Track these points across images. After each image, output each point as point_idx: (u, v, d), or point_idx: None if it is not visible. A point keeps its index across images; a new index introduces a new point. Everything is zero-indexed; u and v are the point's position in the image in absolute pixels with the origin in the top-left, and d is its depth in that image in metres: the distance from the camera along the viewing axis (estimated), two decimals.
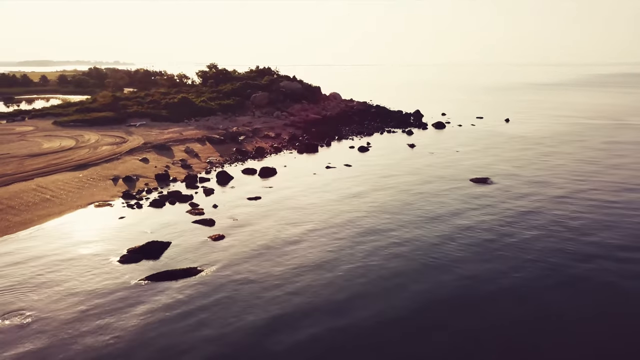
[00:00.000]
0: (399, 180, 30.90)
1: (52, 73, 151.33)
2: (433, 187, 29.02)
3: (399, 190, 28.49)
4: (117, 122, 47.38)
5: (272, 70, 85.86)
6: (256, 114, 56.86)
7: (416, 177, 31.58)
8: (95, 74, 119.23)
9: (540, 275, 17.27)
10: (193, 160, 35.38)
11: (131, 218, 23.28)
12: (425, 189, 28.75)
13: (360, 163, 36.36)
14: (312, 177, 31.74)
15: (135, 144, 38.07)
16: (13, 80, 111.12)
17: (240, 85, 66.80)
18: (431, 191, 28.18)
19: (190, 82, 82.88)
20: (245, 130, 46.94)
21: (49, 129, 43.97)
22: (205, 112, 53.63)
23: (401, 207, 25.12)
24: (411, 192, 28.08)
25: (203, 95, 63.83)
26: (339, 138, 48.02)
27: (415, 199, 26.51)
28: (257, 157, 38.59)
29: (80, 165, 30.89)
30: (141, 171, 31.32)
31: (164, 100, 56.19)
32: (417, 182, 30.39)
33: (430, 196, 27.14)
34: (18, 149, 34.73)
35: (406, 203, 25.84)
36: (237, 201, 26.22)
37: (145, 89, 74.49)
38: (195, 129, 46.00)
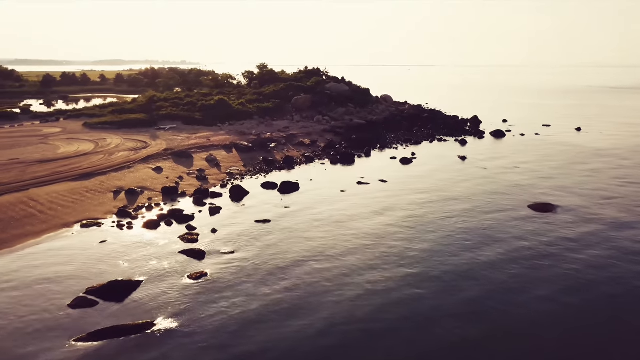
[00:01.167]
0: (439, 204, 25.94)
1: (113, 72, 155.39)
2: (481, 216, 23.90)
3: (435, 217, 23.60)
4: (147, 124, 45.18)
5: (321, 71, 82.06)
6: (295, 118, 53.16)
7: (461, 201, 26.49)
8: (151, 74, 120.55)
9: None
10: (211, 171, 32.03)
11: (113, 242, 20.01)
12: (471, 217, 23.69)
13: (398, 178, 31.60)
14: (338, 196, 27.41)
15: (155, 150, 35.32)
16: (73, 79, 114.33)
17: (284, 86, 63.41)
18: (478, 222, 23.10)
19: (236, 83, 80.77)
20: (279, 136, 43.30)
21: (76, 131, 42.32)
22: (242, 116, 50.56)
23: (434, 246, 20.31)
24: (451, 222, 23.12)
25: (244, 97, 61.04)
26: (381, 146, 43.32)
27: (454, 233, 21.57)
28: (284, 167, 34.74)
29: (85, 175, 28.26)
30: (150, 183, 28.27)
31: (201, 102, 53.67)
32: (461, 207, 25.33)
33: (476, 229, 22.09)
34: (30, 154, 32.80)
35: (441, 239, 20.98)
36: (242, 224, 22.40)
37: (190, 90, 72.84)
38: (226, 134, 42.87)
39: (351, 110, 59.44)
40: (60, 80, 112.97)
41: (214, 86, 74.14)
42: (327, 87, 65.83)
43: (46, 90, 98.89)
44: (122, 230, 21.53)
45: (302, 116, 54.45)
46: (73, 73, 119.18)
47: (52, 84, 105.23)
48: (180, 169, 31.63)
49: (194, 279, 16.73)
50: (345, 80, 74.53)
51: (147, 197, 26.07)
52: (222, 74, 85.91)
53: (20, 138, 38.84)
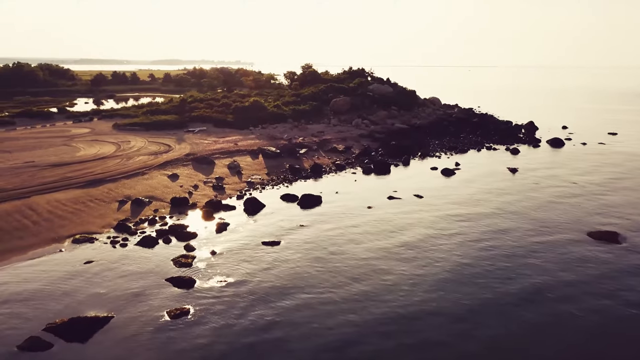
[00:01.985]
0: (479, 225, 22.27)
1: (168, 71, 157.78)
2: (527, 243, 20.11)
3: (472, 242, 20.00)
4: (177, 126, 43.59)
5: (366, 72, 78.75)
6: (332, 121, 50.22)
7: (505, 223, 22.68)
8: (198, 73, 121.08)
9: None
10: (231, 180, 29.65)
11: (99, 263, 17.84)
12: (515, 244, 19.95)
13: (436, 192, 28.02)
14: (362, 212, 24.24)
15: (176, 154, 33.39)
16: (123, 78, 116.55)
17: (323, 88, 60.64)
18: (523, 250, 19.35)
19: (278, 84, 78.80)
20: (311, 141, 40.53)
21: (104, 132, 41.23)
22: (275, 119, 48.18)
23: (464, 278, 16.82)
24: (490, 247, 19.48)
25: (282, 98, 58.74)
26: (422, 155, 39.63)
27: (492, 261, 17.96)
28: (311, 176, 31.89)
29: (95, 181, 26.52)
30: (161, 191, 26.18)
31: (235, 103, 51.74)
32: (504, 231, 21.56)
33: (520, 259, 18.39)
34: (47, 156, 31.60)
35: (475, 268, 17.43)
36: (247, 246, 19.72)
37: (230, 90, 71.43)
38: (255, 139, 40.53)
39: (394, 114, 55.86)
40: (110, 79, 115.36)
41: (254, 87, 72.45)
42: (369, 88, 62.51)
43: (95, 89, 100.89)
44: (114, 248, 19.36)
45: (340, 119, 51.44)
46: (123, 72, 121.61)
47: (102, 82, 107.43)
48: (197, 177, 29.44)
49: (173, 318, 14.15)
50: (390, 82, 70.90)
51: (154, 209, 23.92)
52: (266, 74, 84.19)
53: (46, 139, 38.06)
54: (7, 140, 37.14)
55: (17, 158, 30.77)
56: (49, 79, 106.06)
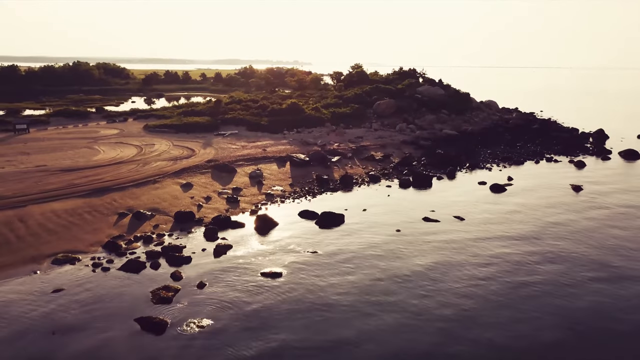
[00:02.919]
0: (529, 261, 18.19)
1: (224, 71, 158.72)
2: (590, 290, 15.90)
3: (518, 287, 16.04)
4: (208, 129, 41.51)
5: (417, 73, 74.34)
6: (374, 125, 46.58)
7: (563, 259, 18.47)
8: (249, 73, 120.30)
9: None
10: (249, 191, 26.87)
11: (69, 293, 15.45)
12: (574, 289, 15.81)
13: (481, 214, 23.99)
14: (389, 238, 20.68)
15: (197, 160, 31.07)
16: (175, 77, 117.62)
17: (369, 89, 57.04)
18: (584, 300, 15.21)
19: (324, 84, 75.88)
20: (347, 148, 37.19)
21: (132, 134, 39.72)
22: (313, 122, 45.19)
23: (502, 335, 13.00)
24: (539, 293, 15.46)
25: (325, 100, 55.68)
26: (471, 166, 35.31)
27: (541, 312, 13.99)
28: (340, 188, 28.60)
29: (101, 190, 24.49)
30: (168, 203, 23.75)
31: (272, 105, 49.20)
32: (560, 271, 17.40)
33: (579, 310, 14.30)
34: (62, 160, 30.11)
35: (520, 321, 13.55)
36: (242, 277, 16.76)
37: (272, 91, 69.22)
38: (287, 144, 37.68)
39: (443, 118, 51.45)
40: (163, 78, 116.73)
41: (297, 88, 69.86)
42: (418, 90, 58.26)
43: (146, 88, 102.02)
44: (93, 273, 16.95)
45: (383, 124, 47.71)
46: (175, 72, 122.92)
47: (153, 81, 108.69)
48: (213, 187, 26.88)
49: None
50: (442, 83, 66.20)
51: (155, 224, 21.47)
52: (312, 74, 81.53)
53: (70, 140, 36.96)
54: (32, 140, 36.31)
55: (31, 161, 29.47)
56: (104, 77, 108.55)
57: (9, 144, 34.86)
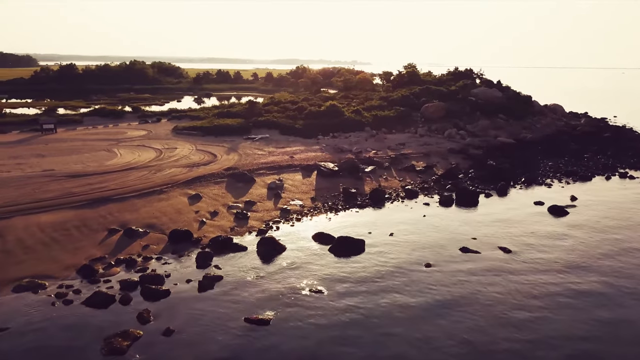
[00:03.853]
0: (594, 317, 13.91)
1: (277, 71, 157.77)
2: None
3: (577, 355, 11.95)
4: (239, 132, 39.00)
5: (474, 73, 68.98)
6: (419, 130, 42.39)
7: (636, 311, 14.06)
8: (301, 72, 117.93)
9: None
10: (264, 205, 23.82)
11: (13, 333, 13.00)
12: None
13: (534, 245, 19.70)
14: (416, 275, 16.93)
15: (215, 168, 28.45)
16: (226, 76, 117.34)
17: (418, 90, 52.75)
18: None
19: (375, 84, 72.02)
20: (384, 156, 33.45)
21: (158, 136, 37.81)
22: (351, 126, 41.71)
23: None
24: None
25: (369, 101, 51.96)
26: (527, 181, 30.58)
27: None
28: (369, 204, 25.01)
29: (100, 200, 22.26)
30: (167, 219, 21.12)
31: (310, 107, 46.10)
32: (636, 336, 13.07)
33: None
34: (73, 164, 28.36)
35: None
36: (223, 320, 13.70)
37: (316, 92, 66.17)
38: (318, 151, 34.41)
39: (499, 124, 46.42)
40: (214, 78, 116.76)
41: (343, 88, 66.47)
42: (473, 92, 53.28)
43: (195, 87, 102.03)
44: (53, 307, 14.41)
45: (430, 129, 43.42)
46: (227, 71, 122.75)
47: (203, 81, 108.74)
48: (225, 199, 24.05)
49: None
50: (501, 85, 60.68)
51: (146, 244, 18.84)
52: (361, 73, 77.81)
53: (93, 141, 35.51)
54: (54, 141, 35.15)
55: (41, 165, 27.90)
56: (157, 76, 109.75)
57: (29, 145, 33.81)
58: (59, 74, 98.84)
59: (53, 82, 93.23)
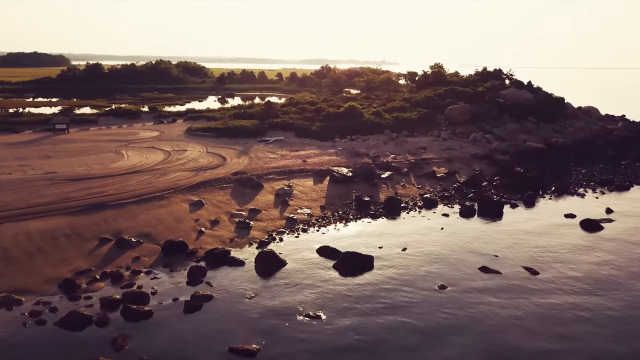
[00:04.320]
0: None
1: (301, 70, 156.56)
2: None
3: None
4: (253, 134, 37.66)
5: (504, 74, 66.18)
6: (442, 134, 40.25)
7: None
8: (324, 73, 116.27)
9: None
10: (269, 213, 22.33)
11: None
12: None
13: (566, 267, 17.64)
14: (428, 298, 15.13)
15: (222, 172, 27.14)
16: (250, 76, 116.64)
17: (442, 92, 50.53)
18: None
19: (405, 85, 69.85)
20: (404, 161, 31.58)
21: (170, 138, 36.75)
22: (370, 129, 39.91)
23: None
24: None
25: (391, 102, 49.99)
26: (557, 190, 28.26)
27: None
28: (382, 214, 23.24)
29: (96, 206, 21.18)
30: (164, 227, 19.84)
31: (329, 109, 44.47)
32: None
33: None
34: (77, 166, 27.44)
35: None
36: (205, 351, 12.22)
37: (337, 92, 64.48)
38: (333, 154, 32.75)
39: (529, 127, 43.85)
40: (238, 77, 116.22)
41: (365, 88, 64.61)
42: (501, 94, 50.71)
43: (218, 87, 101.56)
44: (24, 327, 13.20)
45: (455, 132, 41.24)
46: (251, 71, 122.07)
47: (227, 80, 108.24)
48: (228, 206, 22.65)
49: None
50: (532, 86, 57.77)
51: (137, 255, 17.56)
52: (385, 73, 75.72)
53: (103, 142, 34.69)
54: (64, 142, 34.46)
55: (44, 167, 27.07)
56: (181, 76, 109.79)
57: (38, 145, 33.21)
58: (86, 73, 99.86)
59: (79, 81, 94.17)
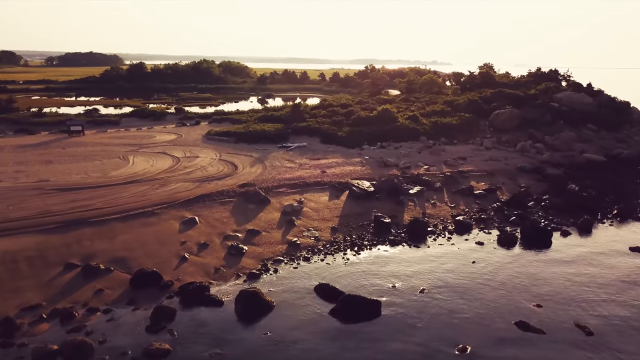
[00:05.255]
0: None
1: (343, 71, 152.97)
2: None
3: None
4: (275, 139, 34.81)
5: (560, 75, 60.43)
6: (486, 142, 35.95)
7: None
8: (366, 73, 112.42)
9: None
10: (269, 236, 19.28)
11: None
12: None
13: (632, 327, 13.59)
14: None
15: (229, 183, 24.42)
16: (292, 76, 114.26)
17: (489, 94, 45.98)
18: None
19: (450, 86, 65.27)
20: (437, 174, 27.81)
21: (185, 143, 34.35)
22: (404, 135, 36.18)
23: None
24: None
25: (432, 106, 45.93)
26: (620, 214, 23.69)
27: None
28: (406, 240, 19.70)
29: (74, 222, 18.87)
30: (144, 251, 17.20)
31: (359, 112, 41.03)
32: None
33: None
34: (73, 174, 25.38)
35: None
36: None
37: (376, 94, 60.73)
38: (359, 164, 29.36)
39: (587, 136, 38.83)
40: (279, 78, 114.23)
41: (405, 90, 60.59)
42: (556, 97, 45.58)
43: (258, 87, 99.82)
44: None
45: (500, 140, 36.84)
46: (293, 71, 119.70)
47: (267, 81, 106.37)
48: (225, 225, 19.79)
49: None
50: (592, 88, 52.03)
51: (100, 288, 14.94)
52: (429, 73, 71.24)
53: (114, 147, 32.78)
54: (73, 145, 32.81)
55: (38, 174, 25.19)
56: (223, 76, 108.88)
57: (46, 149, 31.64)
58: (128, 72, 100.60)
59: (121, 80, 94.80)
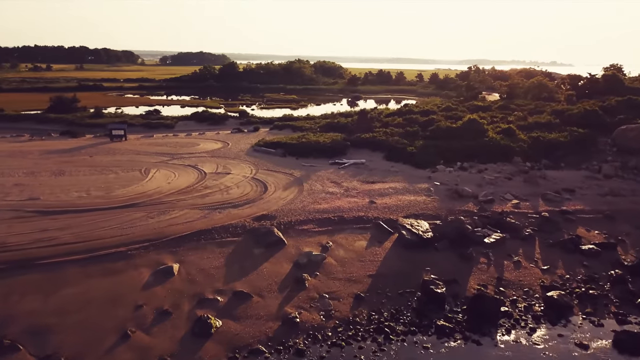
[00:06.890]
0: None
1: (443, 72, 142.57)
2: None
3: None
4: (329, 152, 29.24)
5: None
6: (605, 168, 27.12)
7: None
8: (473, 73, 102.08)
9: None
10: (261, 304, 13.69)
11: None
12: None
13: None
14: None
15: (246, 212, 19.41)
16: (387, 78, 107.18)
17: (613, 103, 36.34)
18: None
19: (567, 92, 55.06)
20: (530, 212, 20.36)
21: (225, 155, 30.08)
22: (493, 153, 28.56)
23: None
24: None
25: (537, 115, 37.32)
26: None
27: None
28: (461, 329, 13.05)
29: (20, 263, 14.89)
30: (79, 318, 12.66)
31: (440, 122, 33.88)
32: None
33: None
34: (74, 191, 21.85)
35: None
36: None
37: (472, 98, 52.40)
38: (423, 193, 22.65)
39: None
40: (372, 79, 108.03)
41: (506, 95, 51.58)
42: None
43: (347, 89, 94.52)
44: None
45: (626, 166, 27.81)
46: (388, 71, 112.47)
47: (358, 82, 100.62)
48: (210, 279, 14.61)
49: None
50: None
51: None
52: (536, 77, 61.02)
53: (145, 155, 29.61)
54: (102, 153, 29.97)
55: (37, 188, 22.03)
56: (314, 76, 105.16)
57: (72, 156, 28.95)
58: (220, 72, 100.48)
59: (212, 80, 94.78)
